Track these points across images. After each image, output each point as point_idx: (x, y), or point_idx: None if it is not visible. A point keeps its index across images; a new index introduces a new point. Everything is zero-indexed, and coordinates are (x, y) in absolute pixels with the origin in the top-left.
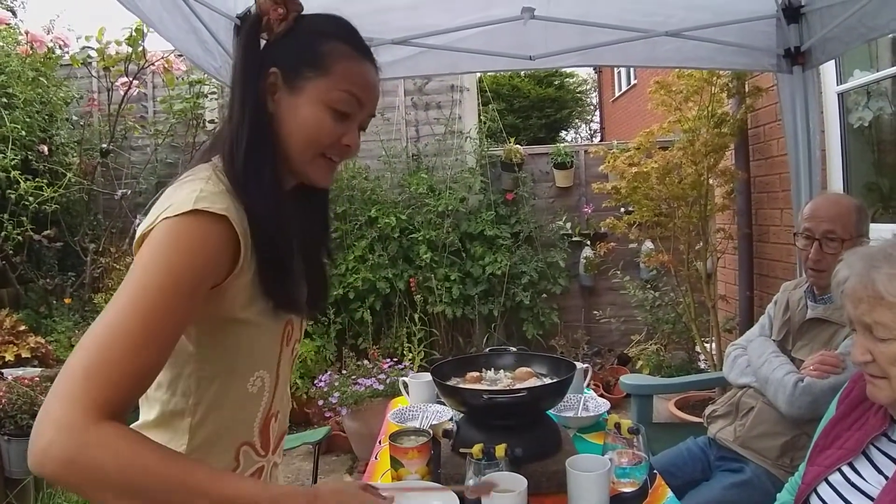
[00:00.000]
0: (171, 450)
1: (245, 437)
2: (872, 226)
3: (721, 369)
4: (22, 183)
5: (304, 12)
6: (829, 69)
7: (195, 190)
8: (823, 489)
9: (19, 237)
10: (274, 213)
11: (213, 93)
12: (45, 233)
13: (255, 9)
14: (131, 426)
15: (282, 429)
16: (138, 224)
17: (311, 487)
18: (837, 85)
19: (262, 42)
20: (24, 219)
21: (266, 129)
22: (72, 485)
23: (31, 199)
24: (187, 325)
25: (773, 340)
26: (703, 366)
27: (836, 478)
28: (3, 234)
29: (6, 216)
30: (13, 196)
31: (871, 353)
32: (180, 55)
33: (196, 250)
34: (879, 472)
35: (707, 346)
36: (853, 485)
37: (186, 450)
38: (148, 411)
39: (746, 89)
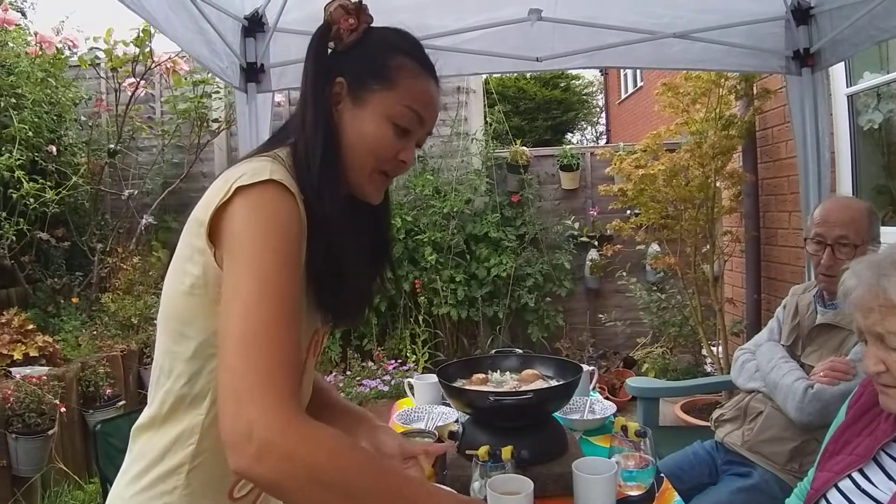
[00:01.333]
0: (368, 452)
1: None
2: (883, 229)
3: (727, 373)
4: (25, 184)
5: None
6: (838, 71)
7: (266, 165)
8: (833, 495)
9: (14, 236)
10: (344, 218)
11: (217, 92)
12: (55, 233)
13: (326, 16)
14: (140, 419)
15: None
16: (144, 224)
17: None
18: (847, 87)
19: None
20: (28, 219)
21: (333, 139)
22: (287, 486)
23: (31, 200)
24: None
25: (783, 345)
26: (709, 369)
27: (846, 484)
28: (11, 233)
29: (14, 216)
30: (15, 196)
31: (885, 362)
32: (185, 55)
33: (287, 219)
34: (890, 478)
35: (714, 349)
36: (863, 491)
37: (195, 450)
38: (163, 404)
39: (755, 91)
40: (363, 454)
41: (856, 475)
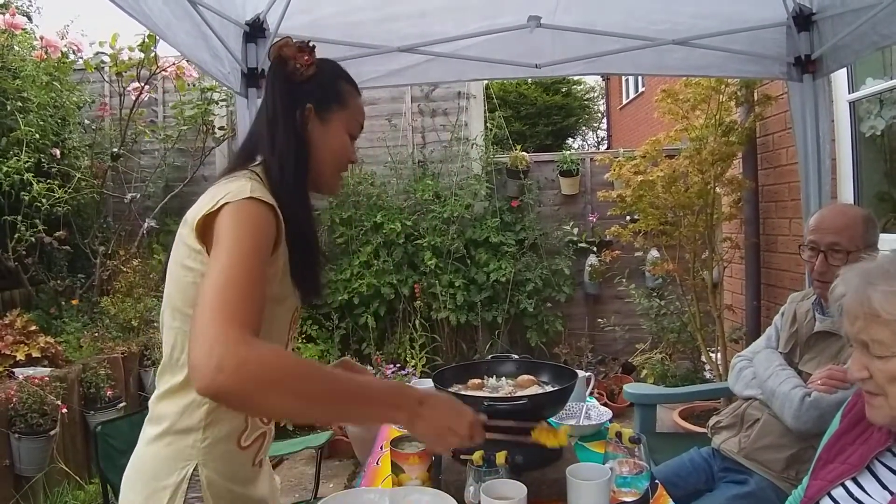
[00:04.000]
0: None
1: None
2: (883, 237)
3: (726, 379)
4: (35, 185)
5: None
6: (840, 77)
7: (246, 185)
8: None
9: (32, 238)
10: (310, 219)
11: (224, 100)
12: (57, 234)
13: (275, 53)
14: (157, 391)
15: None
16: (146, 228)
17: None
18: (849, 93)
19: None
20: (38, 220)
21: (305, 153)
22: (246, 390)
23: (43, 200)
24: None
25: (780, 353)
26: (708, 375)
27: (839, 492)
28: (16, 235)
29: (20, 218)
30: (27, 198)
31: (868, 369)
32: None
33: (261, 223)
34: (884, 487)
35: (713, 355)
36: (856, 500)
37: (209, 409)
38: (176, 375)
39: (756, 97)
40: (310, 362)
41: (849, 484)
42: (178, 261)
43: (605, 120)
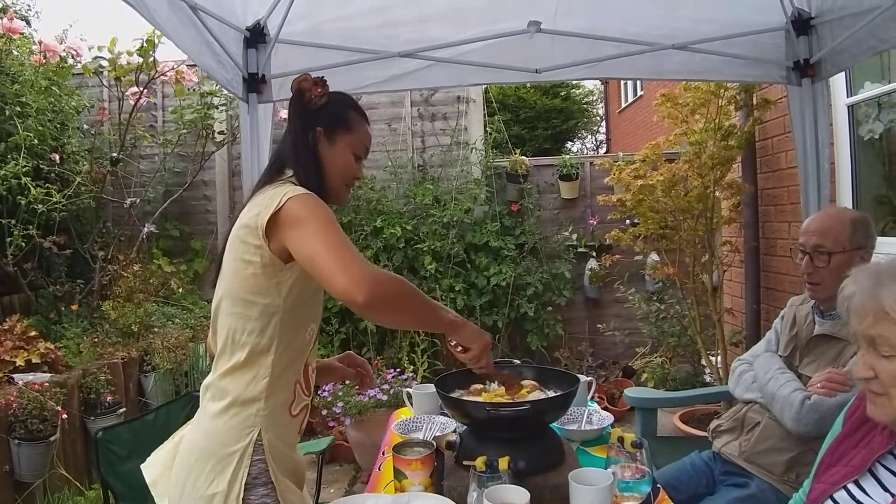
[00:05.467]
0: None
1: (298, 376)
2: (882, 240)
3: (727, 383)
4: (32, 189)
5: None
6: (838, 81)
7: (296, 187)
8: None
9: (23, 243)
10: None
11: (224, 104)
12: (52, 238)
13: (295, 86)
14: (215, 372)
15: (313, 379)
16: (146, 232)
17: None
18: (847, 97)
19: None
20: (33, 226)
21: (319, 169)
22: (386, 295)
23: (40, 205)
24: None
25: (780, 356)
26: (708, 379)
27: (841, 495)
28: (8, 239)
29: (18, 223)
30: (23, 202)
31: (874, 368)
32: (192, 66)
33: (325, 207)
34: (886, 489)
35: (713, 359)
36: (859, 502)
37: (269, 382)
38: (237, 354)
39: (755, 101)
40: (410, 284)
41: (851, 487)
42: (237, 256)
43: (604, 123)
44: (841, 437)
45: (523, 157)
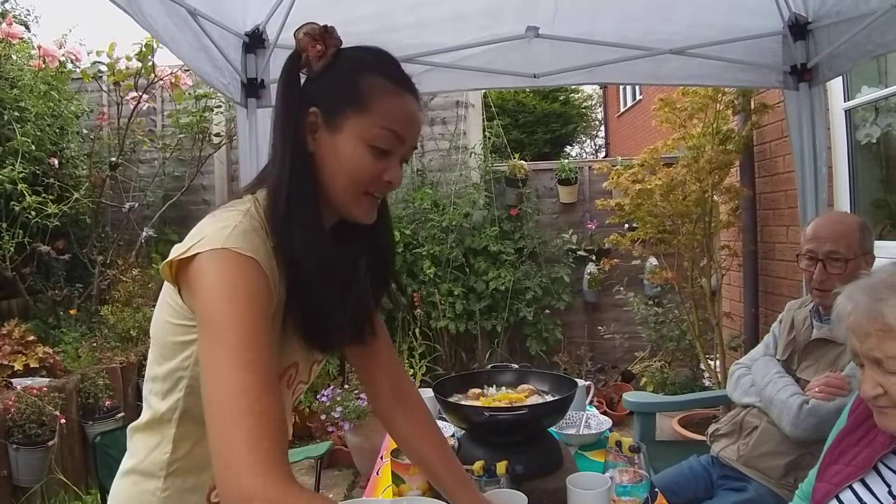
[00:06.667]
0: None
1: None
2: (880, 243)
3: (725, 387)
4: (27, 197)
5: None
6: (836, 86)
7: (228, 226)
8: None
9: (13, 248)
10: (316, 258)
11: (219, 106)
12: (49, 245)
13: (296, 45)
14: (137, 420)
15: None
16: (145, 237)
17: None
18: (845, 101)
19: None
20: (25, 233)
21: (308, 171)
22: None
23: (32, 213)
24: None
25: (778, 360)
26: (707, 383)
27: (847, 496)
28: (11, 244)
29: (16, 228)
30: (17, 208)
31: (883, 385)
32: (188, 70)
33: (249, 286)
34: (891, 493)
35: (711, 363)
36: (864, 503)
37: (170, 458)
38: (144, 411)
39: (752, 106)
40: None
41: (857, 486)
42: (165, 291)
43: (602, 128)
44: (844, 431)
45: (522, 162)
